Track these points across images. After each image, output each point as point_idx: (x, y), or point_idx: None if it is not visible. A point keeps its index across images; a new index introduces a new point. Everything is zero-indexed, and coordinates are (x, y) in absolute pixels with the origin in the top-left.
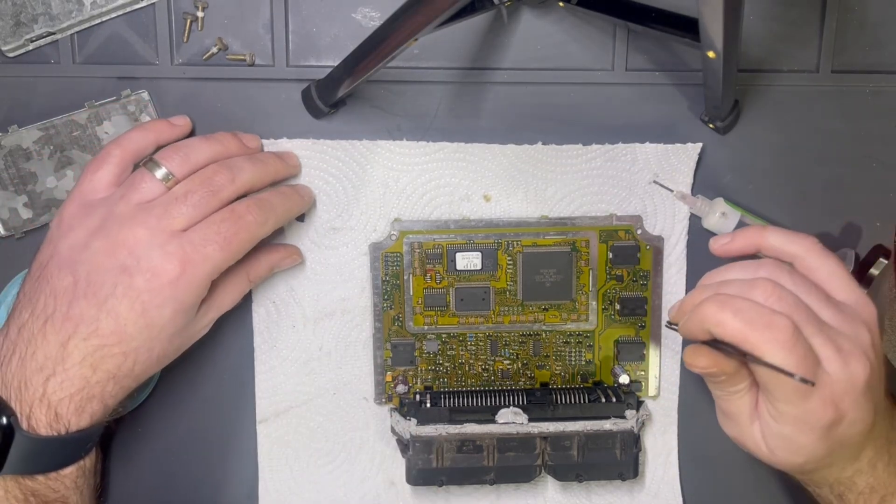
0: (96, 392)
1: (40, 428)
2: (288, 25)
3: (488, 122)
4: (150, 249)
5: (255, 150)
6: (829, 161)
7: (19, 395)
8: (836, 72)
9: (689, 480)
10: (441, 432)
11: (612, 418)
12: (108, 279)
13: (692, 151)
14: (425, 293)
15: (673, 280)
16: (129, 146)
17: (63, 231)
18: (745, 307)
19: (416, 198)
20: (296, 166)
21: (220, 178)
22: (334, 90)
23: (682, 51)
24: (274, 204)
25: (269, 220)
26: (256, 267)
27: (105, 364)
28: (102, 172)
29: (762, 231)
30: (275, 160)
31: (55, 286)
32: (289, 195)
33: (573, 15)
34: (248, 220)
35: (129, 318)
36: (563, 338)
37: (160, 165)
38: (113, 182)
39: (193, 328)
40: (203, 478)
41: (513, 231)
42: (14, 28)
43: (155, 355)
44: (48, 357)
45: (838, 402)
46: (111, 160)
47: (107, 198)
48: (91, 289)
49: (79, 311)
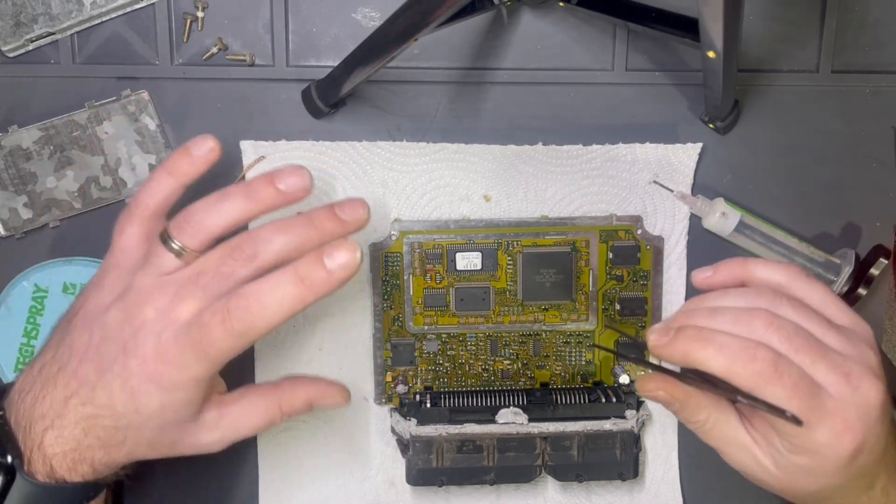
0: (87, 456)
1: (38, 475)
2: (288, 25)
3: (488, 122)
4: (148, 335)
5: (296, 197)
6: (829, 161)
7: (25, 436)
8: (836, 72)
9: (689, 480)
10: (441, 432)
11: (612, 418)
12: (111, 352)
13: (692, 151)
14: (425, 293)
15: (673, 280)
16: (150, 201)
17: (94, 287)
18: (728, 342)
19: (416, 198)
20: (360, 220)
21: (237, 257)
22: (334, 90)
23: (682, 51)
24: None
25: (254, 321)
26: (292, 398)
27: (96, 431)
28: (126, 236)
29: (745, 263)
30: (327, 219)
31: (74, 340)
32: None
33: (573, 15)
34: (252, 303)
35: (120, 397)
36: (563, 338)
37: (172, 239)
38: (143, 241)
39: (195, 436)
40: (203, 478)
41: (513, 231)
42: (14, 28)
43: (145, 440)
44: (52, 406)
45: (854, 429)
46: (133, 221)
47: (134, 263)
48: (98, 356)
49: (84, 374)
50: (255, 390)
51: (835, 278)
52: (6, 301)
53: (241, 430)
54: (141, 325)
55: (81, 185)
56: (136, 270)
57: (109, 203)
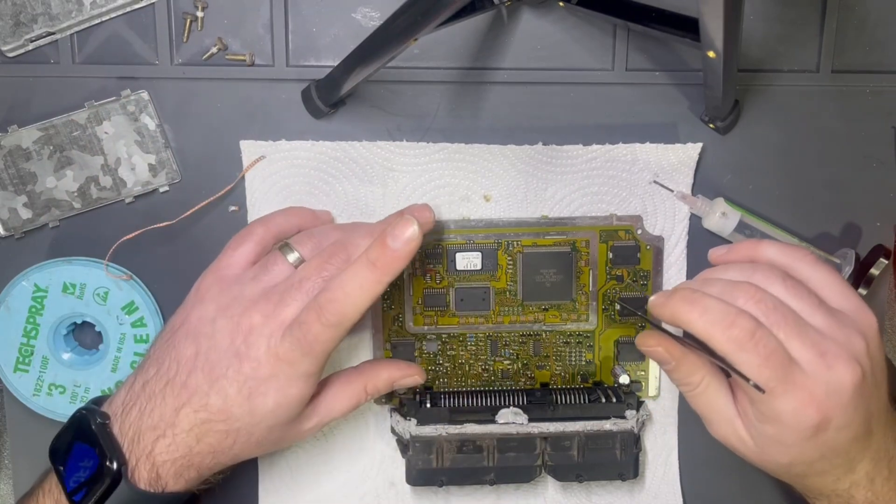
0: (196, 462)
1: (140, 482)
2: (288, 25)
3: (488, 122)
4: (259, 338)
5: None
6: (829, 161)
7: (132, 446)
8: (836, 72)
9: (689, 480)
10: (441, 432)
11: (612, 418)
12: (223, 360)
13: (692, 151)
14: (425, 293)
15: (673, 280)
16: (273, 227)
17: (196, 301)
18: (712, 306)
19: (416, 198)
20: (428, 221)
21: (334, 262)
22: (334, 90)
23: (682, 51)
24: (348, 290)
25: (343, 309)
26: (375, 379)
27: (208, 437)
28: (243, 249)
29: (758, 244)
30: (403, 223)
31: (180, 353)
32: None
33: (573, 15)
34: (339, 295)
35: (236, 400)
36: (563, 338)
37: (293, 249)
38: (251, 260)
39: (297, 427)
40: None
41: (513, 231)
42: (14, 28)
43: (254, 440)
44: (162, 418)
45: (820, 404)
46: (253, 238)
47: (241, 276)
48: (208, 365)
49: (195, 383)
50: (341, 376)
51: None
52: (6, 301)
53: (333, 414)
54: (250, 331)
55: (81, 185)
56: (240, 284)
57: (109, 203)
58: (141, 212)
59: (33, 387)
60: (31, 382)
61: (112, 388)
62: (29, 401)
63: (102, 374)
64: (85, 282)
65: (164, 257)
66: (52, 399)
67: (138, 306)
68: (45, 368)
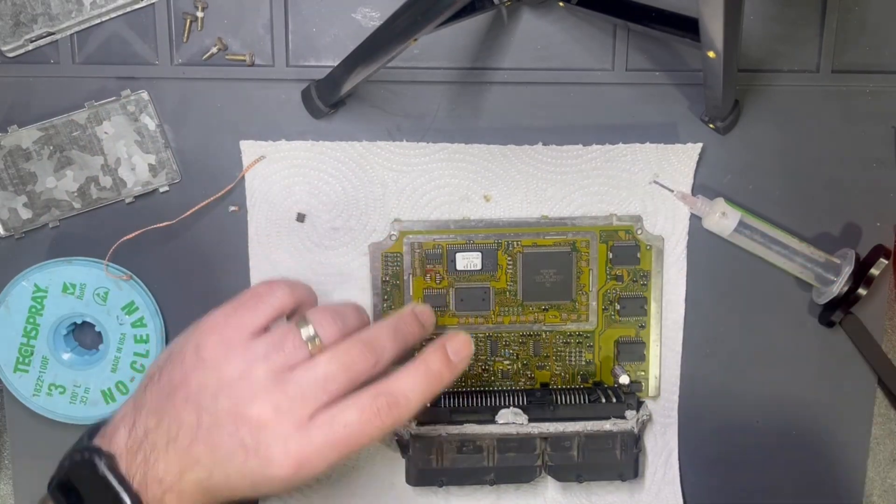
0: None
1: None
2: (288, 25)
3: (488, 122)
4: (271, 437)
5: (429, 328)
6: (829, 161)
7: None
8: (836, 72)
9: (689, 480)
10: (441, 432)
11: (612, 419)
12: (226, 444)
13: (692, 151)
14: (425, 293)
15: (673, 280)
16: (297, 294)
17: (198, 363)
18: None
19: (416, 198)
20: (432, 324)
21: (363, 365)
22: (334, 90)
23: (682, 51)
24: (410, 398)
25: (402, 415)
26: None
27: (216, 495)
28: (259, 314)
29: None
30: (415, 329)
31: (180, 416)
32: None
33: (573, 15)
34: (401, 401)
35: (240, 485)
36: (563, 338)
37: (309, 323)
38: (262, 327)
39: None
40: None
41: (513, 231)
42: (14, 28)
43: None
44: (168, 473)
45: None
46: (273, 304)
47: (249, 346)
48: (211, 440)
49: (196, 454)
50: None
51: (835, 278)
52: (6, 301)
53: None
54: (259, 426)
55: (81, 185)
56: (247, 359)
57: (109, 203)
58: (141, 212)
59: (33, 387)
60: (31, 382)
61: (112, 388)
62: (29, 401)
63: (102, 374)
64: (85, 282)
65: (164, 257)
66: (52, 399)
67: (138, 306)
68: (44, 368)
